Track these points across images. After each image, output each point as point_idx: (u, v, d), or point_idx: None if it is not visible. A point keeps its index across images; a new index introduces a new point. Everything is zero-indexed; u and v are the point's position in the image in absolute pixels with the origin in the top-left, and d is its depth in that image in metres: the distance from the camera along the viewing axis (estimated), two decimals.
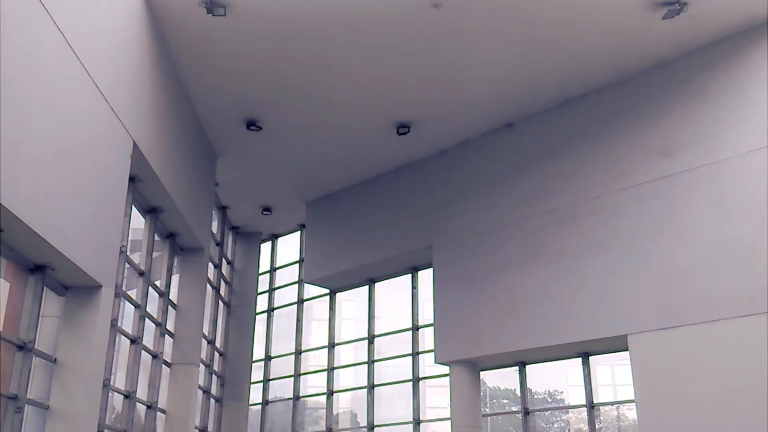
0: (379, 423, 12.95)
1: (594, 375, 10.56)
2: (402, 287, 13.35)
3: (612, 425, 11.67)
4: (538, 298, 10.42)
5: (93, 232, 7.06)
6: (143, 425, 9.88)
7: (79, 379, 6.98)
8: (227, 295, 14.51)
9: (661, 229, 9.41)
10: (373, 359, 13.29)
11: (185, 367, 10.90)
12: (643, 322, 9.27)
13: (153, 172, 8.75)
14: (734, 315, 8.47)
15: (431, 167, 12.45)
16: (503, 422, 12.92)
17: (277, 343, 15.28)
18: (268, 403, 14.78)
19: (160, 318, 10.35)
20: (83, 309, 7.19)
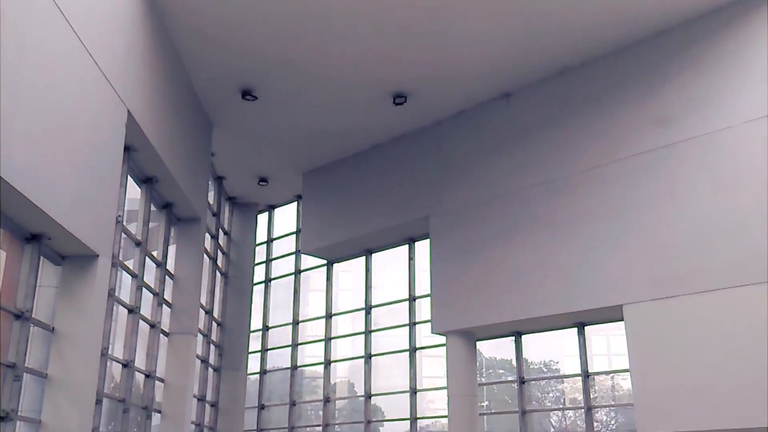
0: (376, 392, 13.07)
1: (589, 345, 10.65)
2: (399, 258, 13.38)
3: (607, 395, 11.81)
4: (535, 269, 10.46)
5: (89, 201, 7.05)
6: (142, 394, 9.95)
7: (77, 348, 7.02)
8: (224, 266, 14.55)
9: (658, 200, 9.42)
10: (370, 329, 13.37)
11: (183, 337, 10.96)
12: (639, 292, 9.32)
13: (148, 141, 8.70)
14: (730, 285, 8.52)
15: (428, 138, 12.40)
16: (499, 392, 13.05)
17: (274, 313, 15.36)
18: (266, 373, 14.89)
19: (158, 288, 10.38)
20: (80, 278, 7.20)
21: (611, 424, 13.00)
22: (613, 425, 12.94)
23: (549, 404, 13.40)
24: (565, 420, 13.62)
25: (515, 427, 10.97)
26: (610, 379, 11.87)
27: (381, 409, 13.51)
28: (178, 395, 10.68)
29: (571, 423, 13.31)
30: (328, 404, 13.66)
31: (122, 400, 8.98)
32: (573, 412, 12.89)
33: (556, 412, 13.64)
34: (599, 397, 11.40)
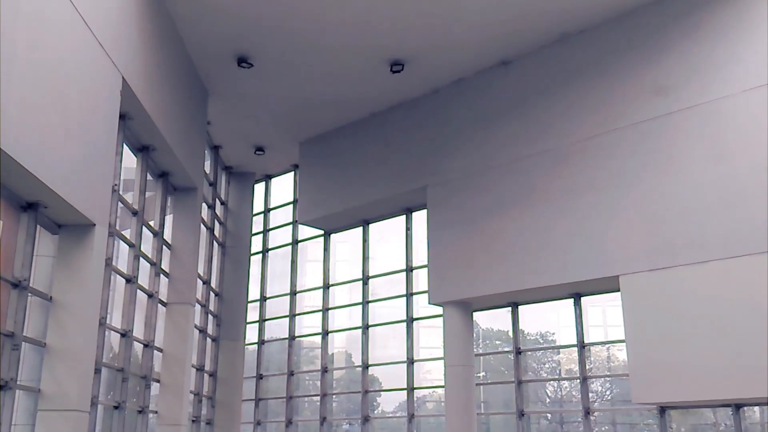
0: (373, 362, 13.14)
1: (585, 316, 10.68)
2: (396, 228, 13.36)
3: (602, 366, 11.88)
4: (532, 239, 10.45)
5: (84, 169, 6.99)
6: (140, 364, 9.98)
7: (74, 317, 7.01)
8: (221, 236, 14.52)
9: (656, 170, 9.39)
10: (368, 300, 13.40)
11: (181, 307, 10.96)
12: (635, 263, 9.33)
13: (143, 109, 8.61)
14: (726, 255, 8.53)
15: (425, 106, 12.31)
16: (495, 363, 13.12)
17: (272, 283, 15.37)
18: (264, 343, 14.95)
19: (155, 258, 10.36)
20: (77, 247, 7.17)
21: (606, 395, 13.10)
22: (608, 396, 13.04)
23: (545, 375, 13.49)
24: (560, 391, 13.72)
25: (511, 398, 11.06)
26: (606, 350, 11.93)
27: (378, 379, 13.60)
28: (176, 365, 10.71)
29: (567, 394, 13.41)
30: (326, 374, 13.74)
31: (121, 370, 9.00)
32: (568, 383, 12.98)
33: (551, 382, 13.74)
34: (595, 368, 11.47)
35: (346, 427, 14.70)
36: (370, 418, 12.89)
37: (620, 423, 12.49)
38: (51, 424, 6.69)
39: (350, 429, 14.49)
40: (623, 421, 12.49)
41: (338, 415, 14.34)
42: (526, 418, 10.92)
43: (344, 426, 14.69)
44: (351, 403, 14.02)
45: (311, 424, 14.09)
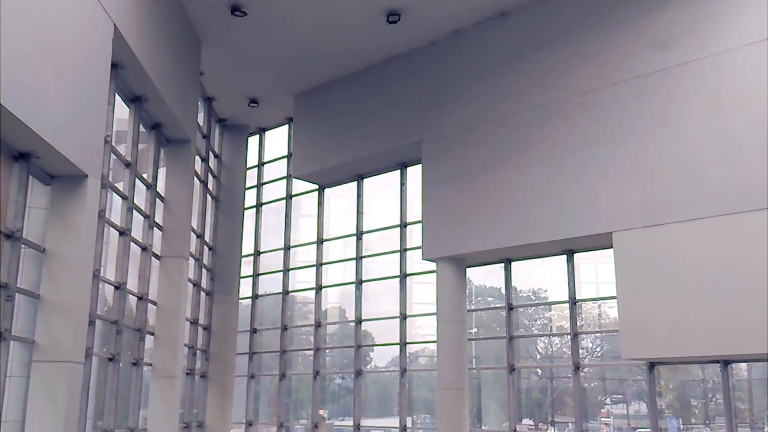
0: (367, 317, 13.21)
1: (578, 272, 10.73)
2: (390, 183, 13.30)
3: (593, 323, 11.98)
4: (526, 195, 10.43)
5: (76, 119, 6.88)
6: (134, 316, 10.00)
7: (68, 268, 6.98)
8: (215, 190, 14.42)
9: (653, 125, 9.33)
10: (361, 255, 13.41)
11: (174, 260, 10.94)
12: (629, 220, 9.33)
13: (135, 58, 8.45)
14: (721, 212, 8.52)
15: (421, 59, 12.14)
16: (487, 319, 13.21)
17: (266, 238, 15.35)
18: (258, 297, 14.99)
19: (148, 210, 10.29)
20: (70, 199, 7.11)
21: (596, 352, 13.23)
22: (599, 353, 13.18)
23: (536, 331, 13.60)
24: (551, 347, 13.85)
25: (502, 353, 11.16)
26: (597, 307, 12.01)
27: (371, 334, 13.69)
28: (170, 318, 10.74)
29: (557, 350, 13.54)
30: (319, 329, 13.82)
31: (115, 322, 9.01)
32: (559, 340, 13.09)
33: (542, 339, 13.85)
34: (586, 325, 11.57)
35: (339, 381, 14.86)
36: (363, 372, 13.02)
37: (609, 379, 12.66)
38: (46, 375, 6.72)
39: (343, 383, 14.66)
40: (612, 377, 12.66)
41: (331, 370, 14.48)
42: (516, 372, 11.05)
43: (337, 380, 14.85)
44: (344, 358, 14.15)
45: (304, 377, 14.23)
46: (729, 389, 8.85)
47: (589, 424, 11.22)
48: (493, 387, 12.24)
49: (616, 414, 12.81)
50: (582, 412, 10.25)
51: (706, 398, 11.52)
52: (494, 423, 11.96)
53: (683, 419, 11.69)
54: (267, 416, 14.68)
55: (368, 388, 13.54)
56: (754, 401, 10.55)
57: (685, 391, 11.79)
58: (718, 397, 10.52)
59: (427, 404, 13.14)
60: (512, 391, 10.86)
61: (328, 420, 14.40)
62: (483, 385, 12.54)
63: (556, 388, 12.68)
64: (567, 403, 12.04)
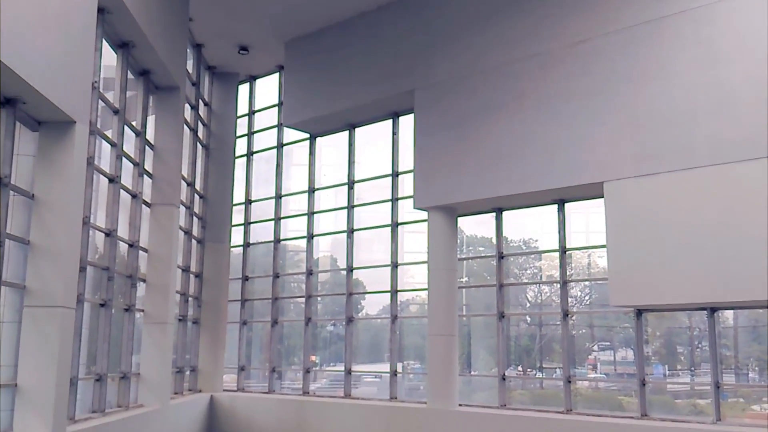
0: (358, 266, 13.28)
1: (568, 222, 10.77)
2: (382, 133, 13.22)
3: (583, 272, 12.07)
4: (518, 145, 10.40)
5: (63, 64, 6.77)
6: (126, 263, 10.03)
7: (57, 215, 6.96)
8: (205, 138, 14.31)
9: (646, 75, 9.27)
10: (353, 204, 13.41)
11: (165, 208, 10.93)
12: (621, 169, 9.34)
13: (122, 2, 8.28)
14: (713, 162, 8.54)
15: (415, 6, 11.96)
16: (478, 268, 13.29)
17: (257, 187, 15.30)
18: (249, 246, 15.03)
19: (138, 158, 10.23)
20: (58, 145, 7.05)
21: (585, 300, 13.37)
22: (587, 301, 13.31)
23: (526, 281, 13.74)
24: (540, 296, 13.98)
25: (492, 302, 11.27)
26: (587, 256, 12.09)
27: (362, 282, 13.79)
28: (162, 265, 10.78)
29: (547, 298, 13.68)
30: (311, 277, 13.91)
31: (106, 269, 9.04)
32: (549, 288, 13.20)
33: (532, 288, 13.96)
34: (575, 274, 11.66)
35: (331, 328, 15.02)
36: (354, 319, 13.16)
37: (597, 326, 12.84)
38: (38, 321, 6.76)
39: (334, 330, 14.81)
40: (600, 324, 12.83)
41: (323, 317, 14.63)
42: (506, 320, 11.20)
43: (328, 327, 15.01)
44: (335, 306, 14.27)
45: (296, 324, 14.38)
46: (715, 336, 9.00)
47: (577, 370, 11.41)
48: (482, 334, 12.39)
49: (603, 360, 13.03)
50: (570, 358, 10.43)
51: (692, 345, 11.71)
52: (483, 369, 12.16)
53: (669, 365, 11.90)
54: (259, 362, 14.88)
55: (359, 335, 13.70)
56: (739, 348, 10.73)
57: (672, 339, 11.97)
58: (704, 345, 10.70)
59: (417, 350, 13.31)
60: (501, 337, 11.02)
61: (320, 366, 14.61)
62: (473, 332, 12.68)
63: (545, 335, 12.84)
64: (555, 349, 12.22)
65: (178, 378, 12.49)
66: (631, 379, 10.46)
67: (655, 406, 9.55)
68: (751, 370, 10.96)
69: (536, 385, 12.42)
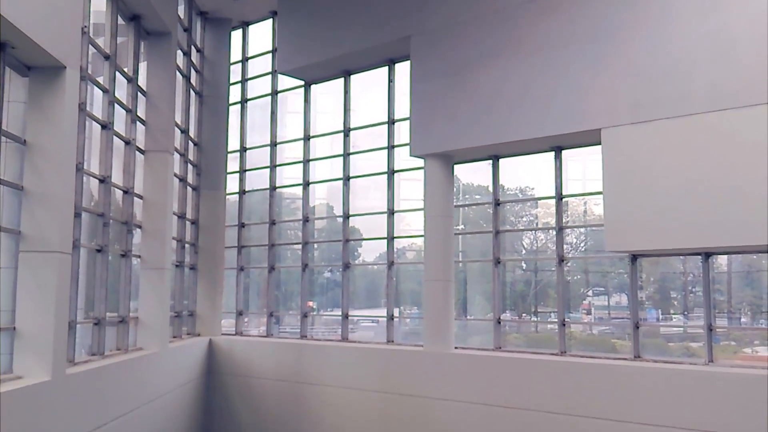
0: (354, 213, 13.30)
1: (565, 169, 10.75)
2: (378, 80, 13.08)
3: (578, 219, 12.10)
4: (515, 92, 10.31)
5: (52, 8, 6.67)
6: (121, 210, 10.02)
7: (50, 161, 6.93)
8: (198, 85, 14.15)
9: (645, 21, 9.13)
10: (349, 152, 13.35)
11: (159, 155, 10.88)
12: (618, 116, 9.28)
13: None
14: (710, 109, 8.48)
15: None
16: (474, 216, 13.31)
17: (251, 134, 15.20)
18: (245, 193, 15.01)
19: (130, 104, 10.13)
20: (48, 91, 6.98)
21: (580, 247, 13.44)
22: (583, 248, 13.38)
23: (522, 228, 13.79)
24: (536, 243, 14.04)
25: (488, 249, 11.32)
26: (583, 204, 12.11)
27: (359, 230, 13.82)
28: (157, 212, 10.79)
29: (542, 245, 13.74)
30: (307, 224, 13.93)
31: (101, 215, 9.03)
32: (544, 236, 13.26)
33: (527, 235, 14.02)
34: (571, 221, 11.69)
35: (328, 275, 15.12)
36: (351, 265, 13.24)
37: (592, 272, 12.94)
38: (34, 266, 6.79)
39: (331, 276, 14.91)
40: (595, 270, 12.93)
41: (319, 264, 14.71)
42: (502, 265, 11.27)
43: (325, 273, 15.11)
44: (332, 253, 14.34)
45: (293, 270, 14.46)
46: (709, 281, 9.08)
47: (571, 315, 11.54)
48: (478, 280, 12.48)
49: (597, 305, 13.17)
50: (564, 303, 10.53)
51: (686, 291, 11.83)
52: (479, 314, 12.29)
53: (662, 310, 12.04)
54: (257, 307, 15.02)
55: (356, 281, 13.80)
56: (733, 293, 10.84)
57: (666, 284, 12.09)
58: (697, 290, 10.80)
59: (414, 296, 13.44)
60: (497, 283, 11.11)
61: (317, 311, 14.76)
62: (469, 279, 12.78)
63: (540, 281, 12.95)
64: (550, 295, 12.33)
65: (176, 322, 12.63)
66: (625, 323, 10.59)
67: (648, 348, 9.70)
68: (744, 315, 11.09)
69: (531, 329, 12.58)
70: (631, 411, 8.90)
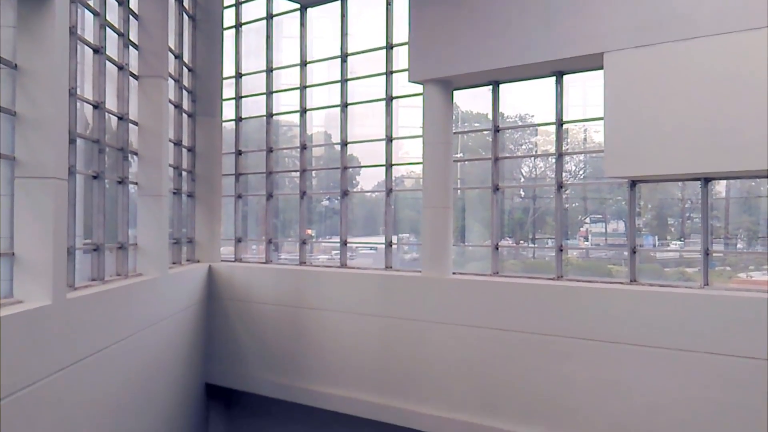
0: (352, 140, 13.19)
1: (566, 95, 10.60)
2: (376, 3, 12.75)
3: (578, 146, 12.03)
4: (516, 15, 10.08)
5: None
6: (116, 136, 9.91)
7: (42, 85, 6.79)
8: (191, 8, 13.78)
9: None
10: (346, 78, 13.13)
11: (153, 80, 10.68)
12: (621, 40, 9.11)
13: None
14: (714, 32, 8.32)
15: None
16: (473, 144, 13.23)
17: (247, 60, 14.91)
18: (242, 120, 14.84)
19: (122, 28, 9.88)
20: (38, 13, 6.77)
21: (579, 174, 13.43)
22: (581, 175, 13.37)
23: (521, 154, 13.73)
24: (535, 171, 14.02)
25: (487, 177, 11.26)
26: (583, 131, 12.03)
27: (357, 158, 13.76)
28: (153, 138, 10.67)
29: (541, 173, 13.72)
30: (305, 152, 13.84)
31: (96, 141, 8.94)
32: (544, 164, 13.22)
33: (527, 163, 13.97)
34: (570, 149, 11.63)
35: (326, 203, 15.14)
36: (349, 192, 13.21)
37: (590, 198, 12.97)
38: (30, 192, 6.74)
39: (329, 205, 14.93)
40: (593, 197, 12.95)
41: (318, 191, 14.70)
42: (500, 192, 11.24)
43: (324, 201, 15.13)
44: (330, 181, 14.30)
45: (291, 198, 14.45)
46: (707, 206, 9.08)
47: (568, 242, 11.62)
48: (477, 207, 12.50)
49: (595, 232, 13.26)
50: (562, 230, 10.56)
51: (683, 217, 11.89)
52: (477, 241, 12.36)
53: (659, 236, 12.13)
54: (256, 234, 15.08)
55: (355, 210, 13.82)
56: (730, 219, 10.89)
57: (663, 211, 12.13)
58: (695, 216, 10.85)
59: (412, 224, 13.48)
60: (495, 210, 11.11)
61: (316, 239, 14.84)
62: (467, 207, 12.79)
63: (538, 208, 12.99)
64: (548, 222, 12.39)
65: (175, 249, 12.69)
66: (622, 249, 10.66)
67: (644, 273, 9.79)
68: (740, 240, 11.19)
69: (528, 255, 12.68)
70: (628, 334, 9.05)
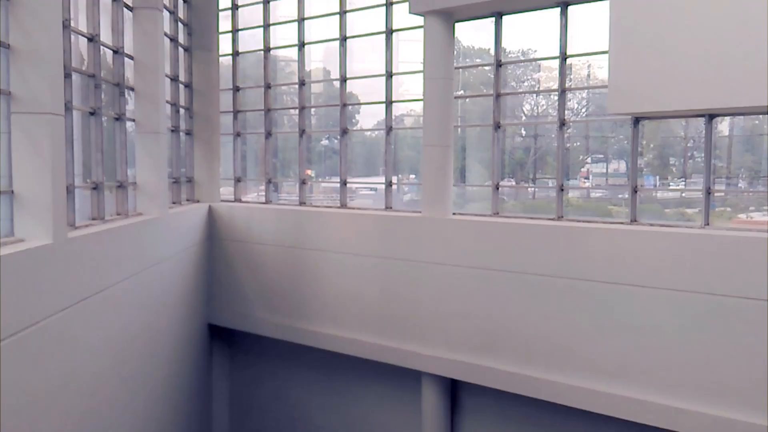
0: (351, 76, 12.96)
1: (570, 29, 10.36)
2: None
3: (582, 83, 11.86)
4: None
5: None
6: (112, 71, 9.71)
7: (35, 16, 6.59)
8: None
9: None
10: (345, 10, 12.81)
11: (148, 12, 10.39)
12: None
13: None
14: None
15: None
16: (474, 81, 13.04)
17: None
18: (239, 54, 14.53)
19: None
20: None
21: (582, 112, 13.30)
22: (584, 113, 13.25)
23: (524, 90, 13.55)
24: (537, 109, 13.88)
25: (488, 115, 11.10)
26: (587, 68, 11.85)
27: (357, 96, 13.57)
28: (149, 73, 10.46)
29: (543, 111, 13.58)
30: (304, 88, 13.61)
31: (92, 76, 8.76)
32: (546, 102, 13.08)
33: (529, 101, 13.82)
34: (574, 85, 11.45)
35: (326, 142, 15.01)
36: (349, 130, 13.06)
37: (592, 137, 12.87)
38: (27, 127, 6.62)
39: (329, 144, 14.80)
40: (595, 135, 12.85)
41: (317, 130, 14.54)
42: (501, 131, 11.11)
43: (323, 141, 15.00)
44: (330, 120, 14.13)
45: (291, 137, 14.30)
46: (711, 144, 8.98)
47: (569, 182, 11.55)
48: (477, 147, 12.40)
49: (596, 173, 13.21)
50: (563, 170, 10.48)
51: (685, 156, 11.81)
52: (477, 181, 12.29)
53: (660, 176, 12.09)
54: (255, 174, 14.99)
55: (354, 149, 13.69)
56: (732, 158, 10.83)
57: (665, 150, 12.06)
58: (697, 155, 10.78)
59: (412, 164, 13.40)
60: (496, 148, 10.98)
61: (315, 179, 14.77)
62: (468, 146, 12.68)
63: (539, 148, 12.90)
64: (548, 163, 12.32)
65: (175, 189, 12.62)
66: (623, 189, 10.61)
67: (644, 213, 9.76)
68: (742, 180, 11.15)
69: (528, 196, 12.64)
70: (628, 274, 9.06)
